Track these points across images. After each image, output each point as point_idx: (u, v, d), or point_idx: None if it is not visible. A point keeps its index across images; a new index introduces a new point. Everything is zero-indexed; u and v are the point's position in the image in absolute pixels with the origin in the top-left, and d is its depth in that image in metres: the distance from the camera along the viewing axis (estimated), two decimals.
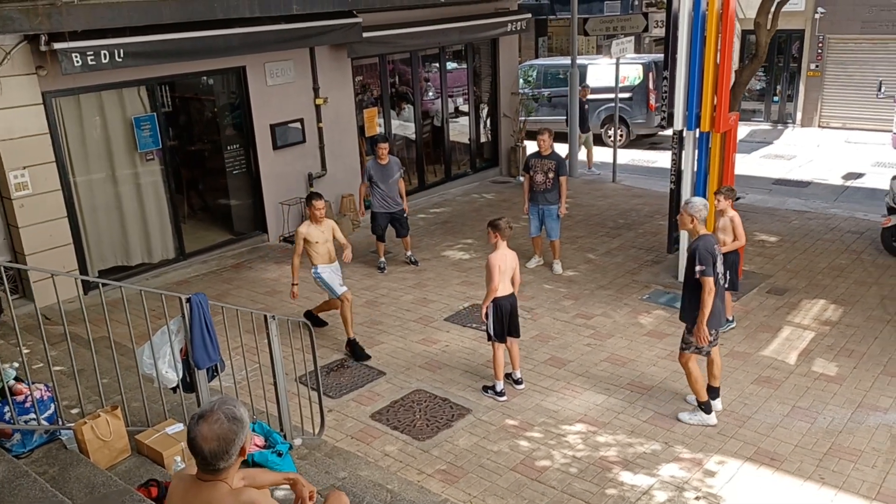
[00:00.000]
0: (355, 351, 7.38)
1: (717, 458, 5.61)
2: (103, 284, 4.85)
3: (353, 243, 10.77)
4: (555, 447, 5.81)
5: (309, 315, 7.87)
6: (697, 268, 5.73)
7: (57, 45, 7.62)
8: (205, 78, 10.39)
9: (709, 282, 5.69)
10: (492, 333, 6.49)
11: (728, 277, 7.21)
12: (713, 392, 6.17)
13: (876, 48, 17.81)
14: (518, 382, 6.71)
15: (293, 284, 7.46)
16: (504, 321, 6.48)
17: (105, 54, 7.97)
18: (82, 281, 7.03)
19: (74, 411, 5.17)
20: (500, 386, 6.53)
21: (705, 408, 6.05)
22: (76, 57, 7.75)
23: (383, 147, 9.34)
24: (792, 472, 5.41)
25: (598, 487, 5.31)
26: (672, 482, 5.35)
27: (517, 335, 6.66)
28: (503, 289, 6.43)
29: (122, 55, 8.10)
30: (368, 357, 7.34)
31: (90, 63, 7.88)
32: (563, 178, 9.11)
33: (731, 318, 7.68)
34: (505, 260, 6.42)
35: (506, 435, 6.00)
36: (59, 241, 8.52)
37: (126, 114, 9.07)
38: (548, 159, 9.07)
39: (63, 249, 8.55)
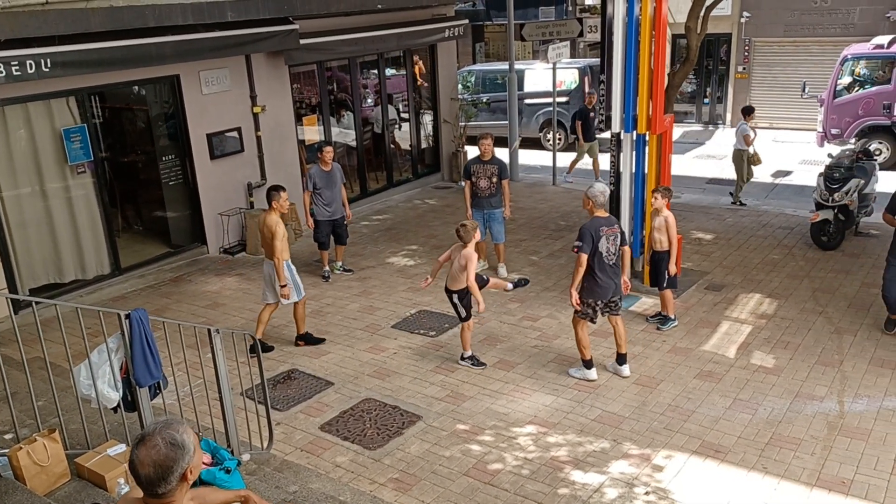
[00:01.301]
0: (310, 340, 7.68)
1: (665, 453, 5.72)
2: (36, 303, 4.65)
3: (296, 253, 10.69)
4: (506, 450, 5.83)
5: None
6: (575, 242, 6.55)
7: None
8: (137, 87, 10.11)
9: (581, 257, 6.48)
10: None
11: (656, 276, 7.89)
12: (621, 358, 6.88)
13: (799, 50, 18.54)
14: (462, 358, 7.25)
15: (283, 286, 7.23)
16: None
17: (31, 64, 7.67)
18: (12, 300, 6.73)
19: (8, 436, 4.96)
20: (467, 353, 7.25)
21: (587, 365, 6.84)
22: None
23: (328, 151, 9.21)
24: (736, 463, 5.56)
25: (551, 488, 5.35)
26: (622, 479, 5.43)
27: (460, 320, 7.24)
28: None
29: (49, 65, 7.81)
30: (323, 340, 7.73)
31: (15, 73, 7.57)
32: (505, 182, 9.21)
33: (673, 317, 7.86)
34: (450, 253, 7.10)
35: (457, 440, 5.99)
36: None
37: (55, 125, 8.76)
38: (490, 164, 9.15)
39: None
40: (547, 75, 15.42)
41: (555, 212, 12.28)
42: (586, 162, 14.48)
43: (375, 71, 13.15)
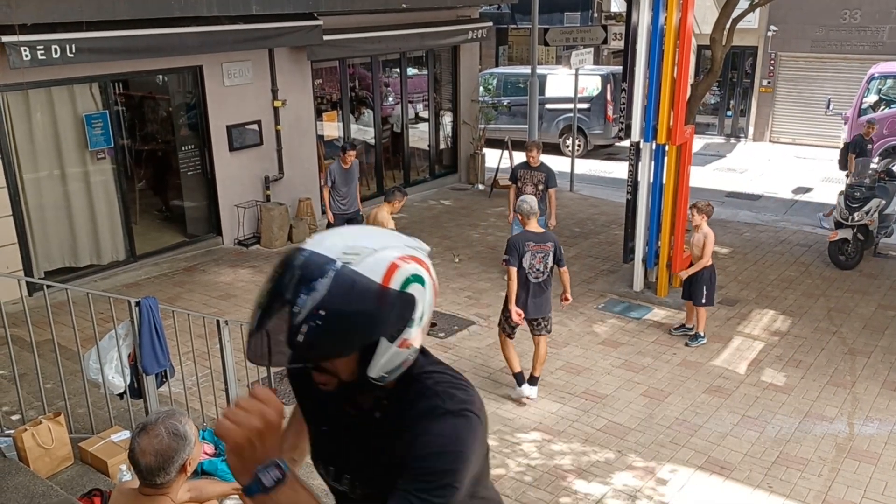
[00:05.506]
0: None
1: (670, 467, 5.67)
2: (48, 286, 4.68)
3: None
4: (510, 455, 5.80)
5: None
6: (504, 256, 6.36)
7: (5, 39, 7.35)
8: (160, 76, 10.17)
9: (511, 271, 6.24)
10: None
11: (691, 291, 7.66)
12: (532, 379, 6.63)
13: (825, 66, 18.35)
14: None
15: None
16: None
17: (56, 49, 7.73)
18: (27, 282, 6.78)
19: (15, 417, 4.99)
20: None
21: (518, 379, 6.60)
22: (25, 51, 7.50)
23: (351, 155, 9.36)
24: (741, 481, 5.50)
25: (552, 496, 5.31)
26: (625, 490, 5.39)
27: None
28: None
29: (73, 51, 7.86)
30: None
31: (40, 58, 7.63)
32: (552, 191, 8.85)
33: (702, 334, 7.72)
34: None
35: None
36: (3, 240, 8.22)
37: (77, 111, 8.82)
38: (537, 171, 8.84)
39: (6, 249, 8.26)
40: (569, 81, 15.33)
41: (570, 218, 12.22)
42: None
43: (397, 70, 13.15)
